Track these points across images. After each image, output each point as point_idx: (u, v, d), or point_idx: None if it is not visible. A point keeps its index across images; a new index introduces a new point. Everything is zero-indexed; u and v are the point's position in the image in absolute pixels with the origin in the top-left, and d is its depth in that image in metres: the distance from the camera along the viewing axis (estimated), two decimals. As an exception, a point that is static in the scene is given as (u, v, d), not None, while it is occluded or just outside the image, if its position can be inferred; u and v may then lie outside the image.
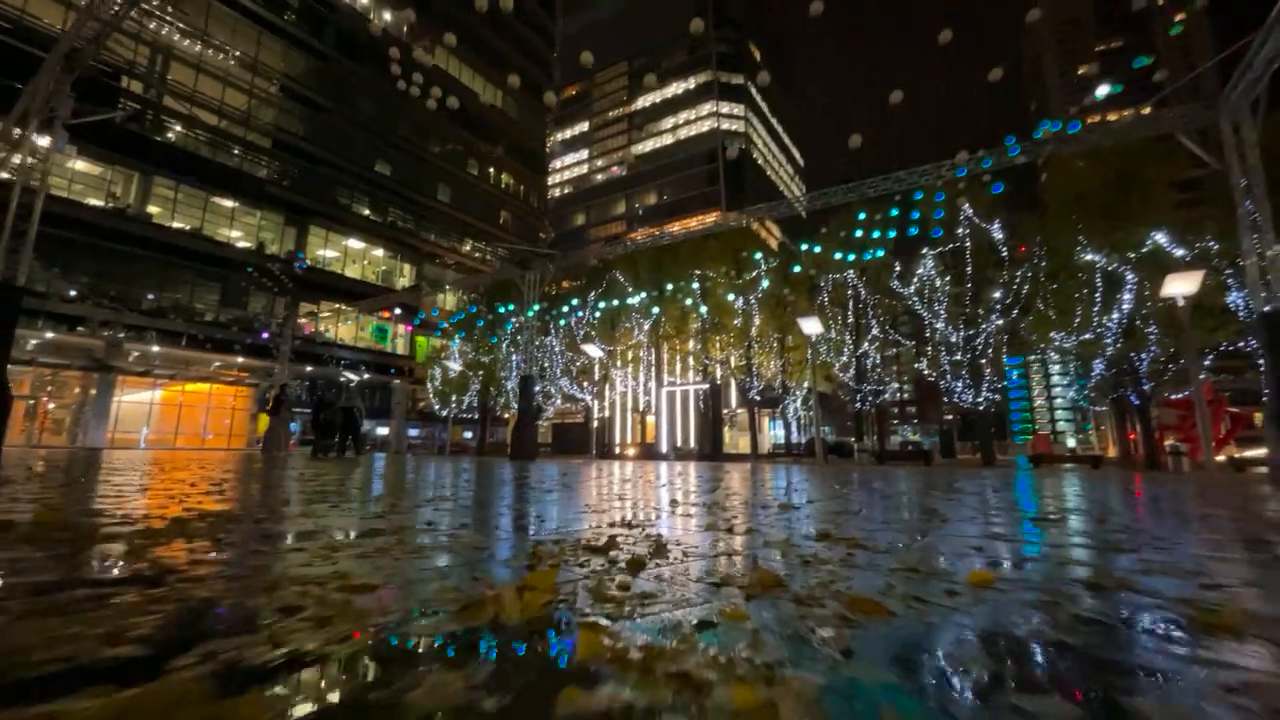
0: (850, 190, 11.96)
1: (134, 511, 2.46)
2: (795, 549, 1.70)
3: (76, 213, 25.12)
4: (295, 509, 2.74)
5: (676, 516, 2.62)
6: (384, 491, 3.83)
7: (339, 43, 36.02)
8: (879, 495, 4.17)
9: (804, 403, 24.38)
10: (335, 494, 3.55)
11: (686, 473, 7.20)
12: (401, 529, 2.11)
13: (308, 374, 32.87)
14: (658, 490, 3.90)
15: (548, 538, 1.99)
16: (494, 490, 4.09)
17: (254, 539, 1.84)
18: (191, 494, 3.37)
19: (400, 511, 2.73)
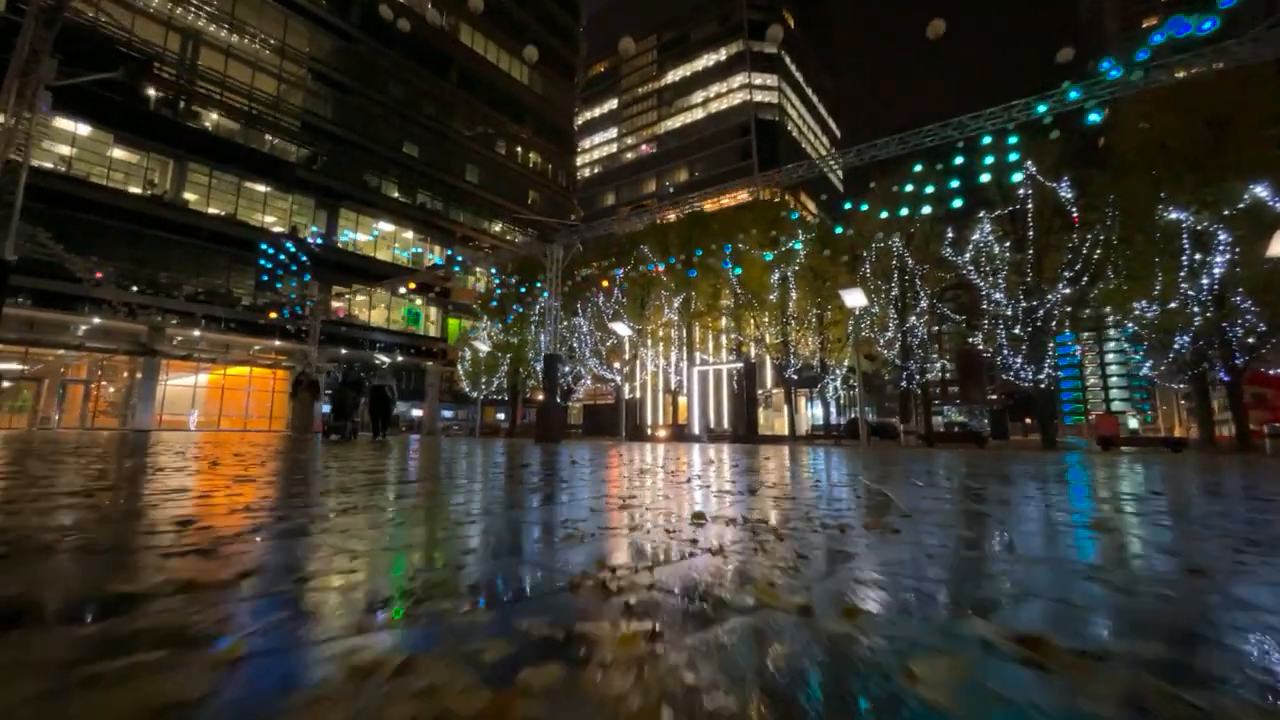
0: (903, 140, 10.69)
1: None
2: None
3: (116, 200, 25.65)
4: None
5: (702, 553, 1.70)
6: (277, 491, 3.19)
7: (364, 23, 35.68)
8: (980, 497, 2.97)
9: (844, 382, 23.20)
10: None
11: (720, 459, 6.41)
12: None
13: (342, 357, 33.23)
14: (682, 488, 3.13)
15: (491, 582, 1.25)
16: (478, 486, 3.42)
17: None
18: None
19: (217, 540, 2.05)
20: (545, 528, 1.87)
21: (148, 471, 3.58)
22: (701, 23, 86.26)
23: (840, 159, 11.23)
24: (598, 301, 24.12)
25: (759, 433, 21.19)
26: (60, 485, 2.73)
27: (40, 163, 24.41)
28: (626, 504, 2.41)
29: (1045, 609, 1.05)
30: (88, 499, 2.28)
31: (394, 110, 37.43)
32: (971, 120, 10.42)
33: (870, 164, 13.70)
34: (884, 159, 11.36)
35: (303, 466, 4.18)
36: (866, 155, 11.09)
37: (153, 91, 27.82)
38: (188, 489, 2.74)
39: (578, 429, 32.47)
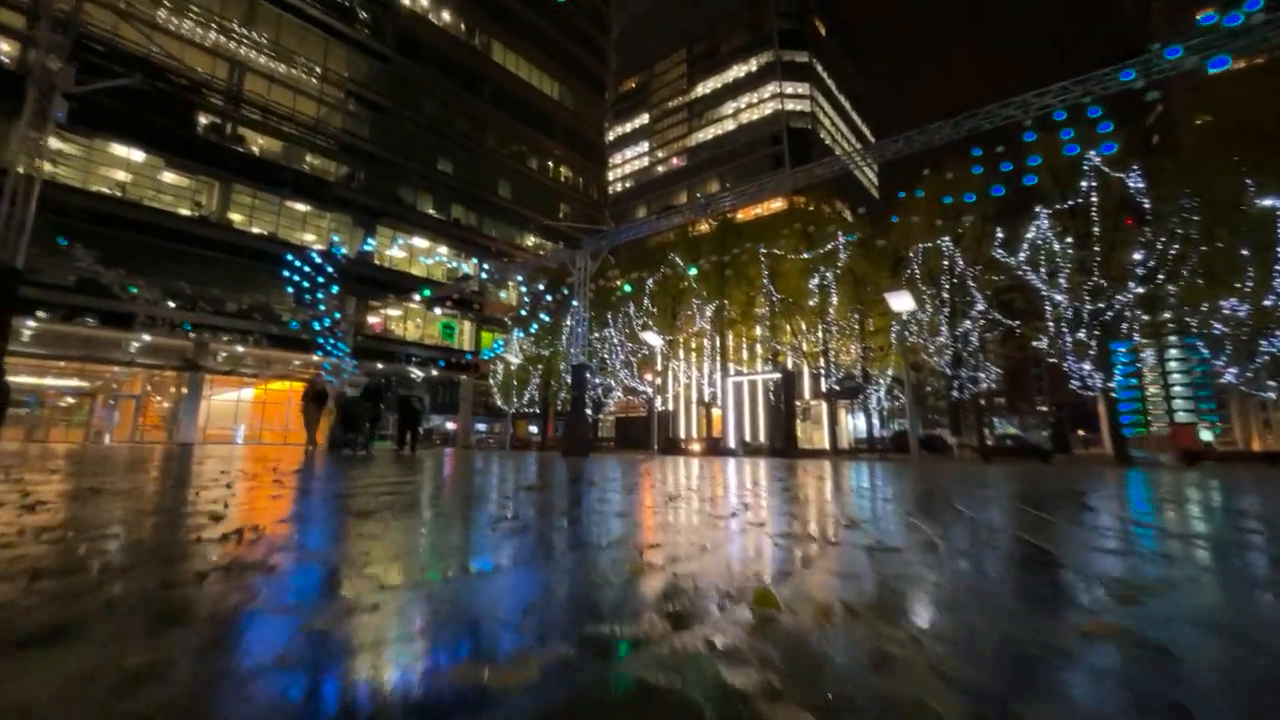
0: (957, 124, 9.72)
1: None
2: None
3: (166, 221, 26.63)
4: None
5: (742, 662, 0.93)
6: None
7: (399, 44, 36.61)
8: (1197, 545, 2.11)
9: (888, 392, 21.98)
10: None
11: (765, 480, 5.69)
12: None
13: (378, 370, 33.66)
14: (730, 531, 2.41)
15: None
16: (450, 530, 2.85)
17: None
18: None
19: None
20: (501, 628, 1.09)
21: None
22: (731, 34, 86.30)
23: (887, 148, 10.35)
24: (628, 311, 23.61)
25: (798, 446, 20.17)
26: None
27: (99, 188, 25.65)
28: (648, 570, 1.51)
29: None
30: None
31: (428, 128, 38.17)
32: (1037, 98, 9.38)
33: (912, 160, 12.82)
34: (936, 146, 10.43)
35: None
36: (917, 143, 10.17)
37: (202, 118, 28.99)
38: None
39: (609, 442, 31.91)
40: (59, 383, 28.40)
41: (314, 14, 32.54)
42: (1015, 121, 9.67)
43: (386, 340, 35.23)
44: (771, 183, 13.00)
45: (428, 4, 39.04)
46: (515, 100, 44.60)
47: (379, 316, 36.03)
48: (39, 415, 26.80)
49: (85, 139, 24.97)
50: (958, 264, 16.46)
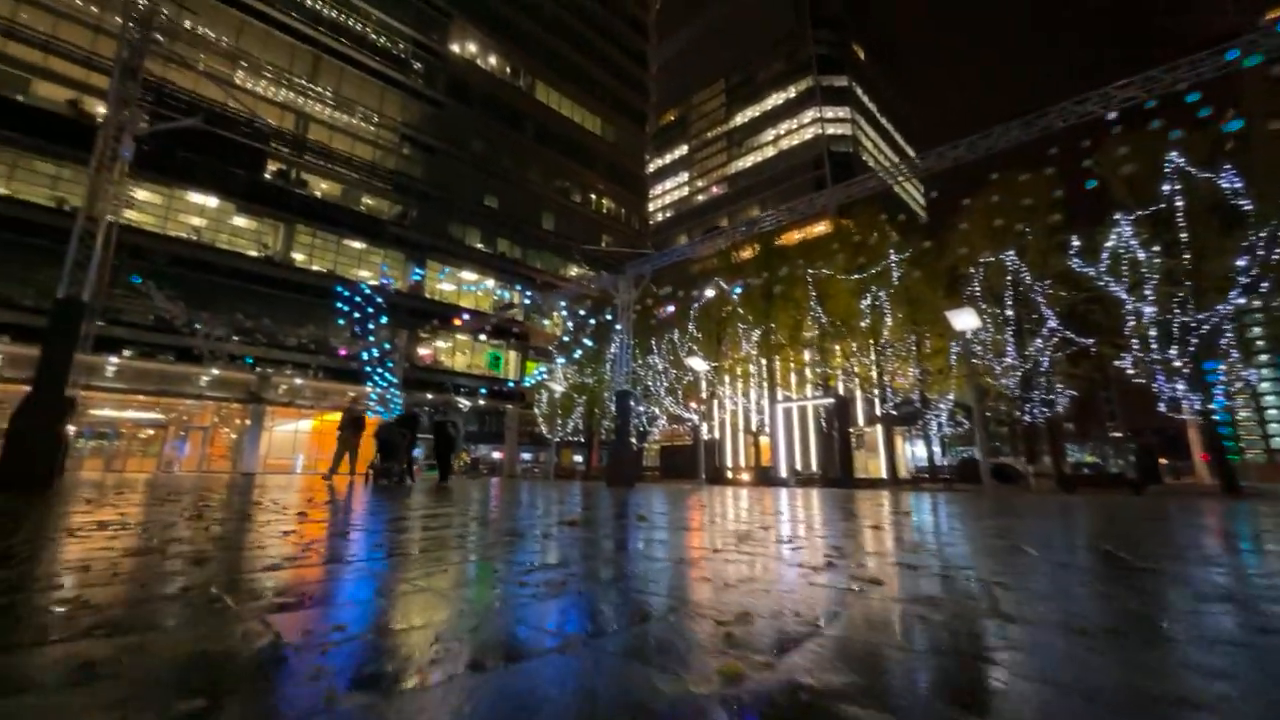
0: (1027, 124, 8.97)
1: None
2: None
3: (235, 262, 28.32)
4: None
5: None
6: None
7: (450, 89, 38.45)
8: None
9: (949, 417, 20.67)
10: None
11: (826, 512, 5.15)
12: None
13: (427, 401, 34.37)
14: (810, 575, 1.94)
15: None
16: (504, 557, 2.50)
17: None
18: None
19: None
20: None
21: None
22: (769, 63, 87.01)
23: (946, 154, 9.70)
24: (672, 338, 23.29)
25: (854, 476, 19.09)
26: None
27: (178, 232, 27.60)
28: (750, 670, 0.99)
29: None
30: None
31: (476, 166, 39.64)
32: (1119, 90, 8.56)
33: (963, 176, 12.14)
34: (1000, 151, 9.69)
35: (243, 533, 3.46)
36: (980, 147, 9.47)
37: (271, 165, 31.00)
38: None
39: (654, 471, 31.29)
40: (137, 415, 30.18)
41: (372, 65, 34.65)
42: (1093, 118, 8.88)
43: (436, 371, 36.07)
44: (820, 197, 12.54)
45: (476, 49, 41.02)
46: (558, 136, 45.96)
47: (429, 348, 37.05)
48: (116, 446, 28.47)
49: (166, 188, 27.04)
50: (1024, 278, 15.37)
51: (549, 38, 46.10)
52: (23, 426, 5.25)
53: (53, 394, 5.63)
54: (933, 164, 10.29)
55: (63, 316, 5.98)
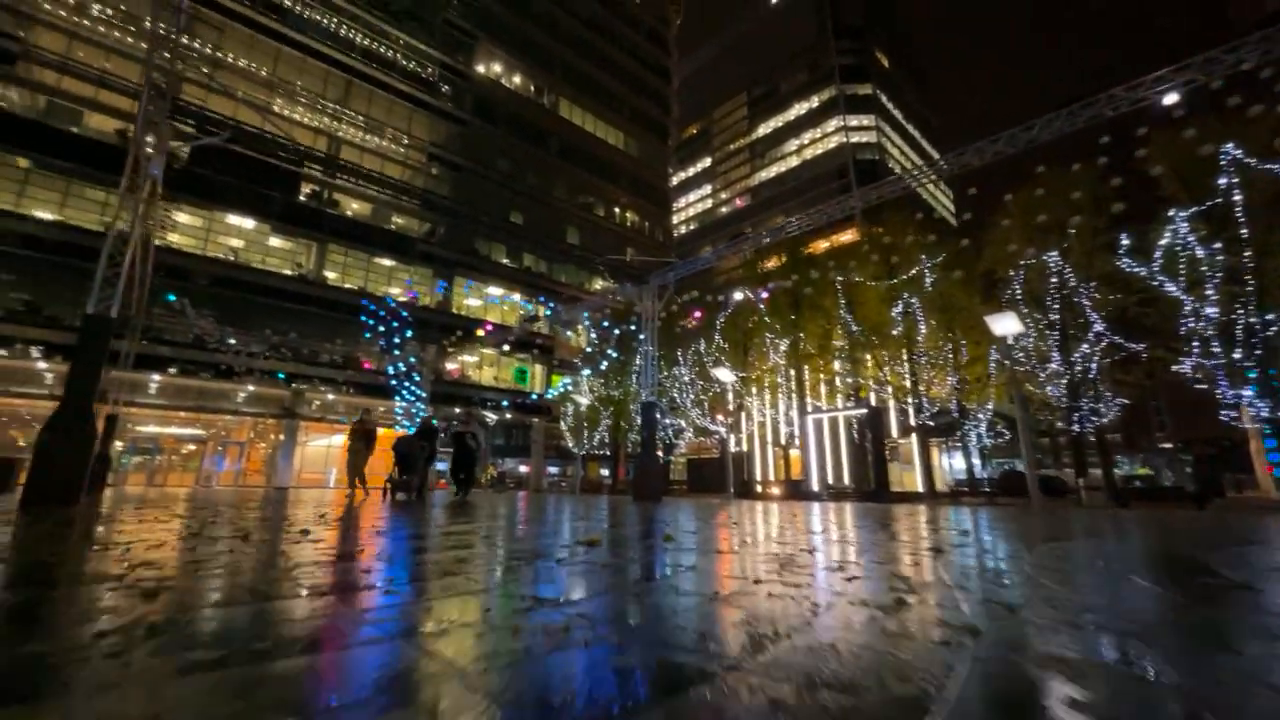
0: (1071, 115, 8.40)
1: None
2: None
3: (271, 281, 29.14)
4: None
5: None
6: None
7: (476, 108, 39.24)
8: None
9: (990, 428, 19.79)
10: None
11: (871, 529, 4.78)
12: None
13: (457, 415, 34.61)
14: (880, 615, 1.60)
15: None
16: (511, 589, 2.24)
17: None
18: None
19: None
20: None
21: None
22: (791, 74, 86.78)
23: (985, 150, 9.15)
24: (698, 348, 22.94)
25: (890, 489, 18.34)
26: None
27: (215, 253, 28.56)
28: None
29: None
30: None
31: (501, 182, 40.22)
32: (1176, 73, 7.92)
33: (995, 176, 11.56)
34: (1044, 143, 9.11)
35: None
36: (1021, 141, 8.91)
37: (304, 186, 31.96)
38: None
39: (681, 485, 30.81)
40: (178, 431, 31.06)
41: (401, 88, 35.60)
42: (1144, 106, 8.29)
43: (463, 385, 36.40)
44: (850, 199, 12.14)
45: (501, 69, 41.83)
46: (582, 152, 46.43)
47: (456, 363, 37.45)
48: (158, 462, 29.31)
49: (206, 211, 28.06)
50: (1068, 279, 14.60)
51: (572, 56, 46.80)
52: (48, 442, 5.28)
53: (79, 410, 5.66)
54: (971, 160, 9.80)
55: (91, 333, 6.03)
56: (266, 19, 30.86)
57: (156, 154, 6.80)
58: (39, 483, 5.13)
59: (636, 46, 53.09)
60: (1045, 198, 14.96)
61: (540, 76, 44.37)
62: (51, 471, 5.21)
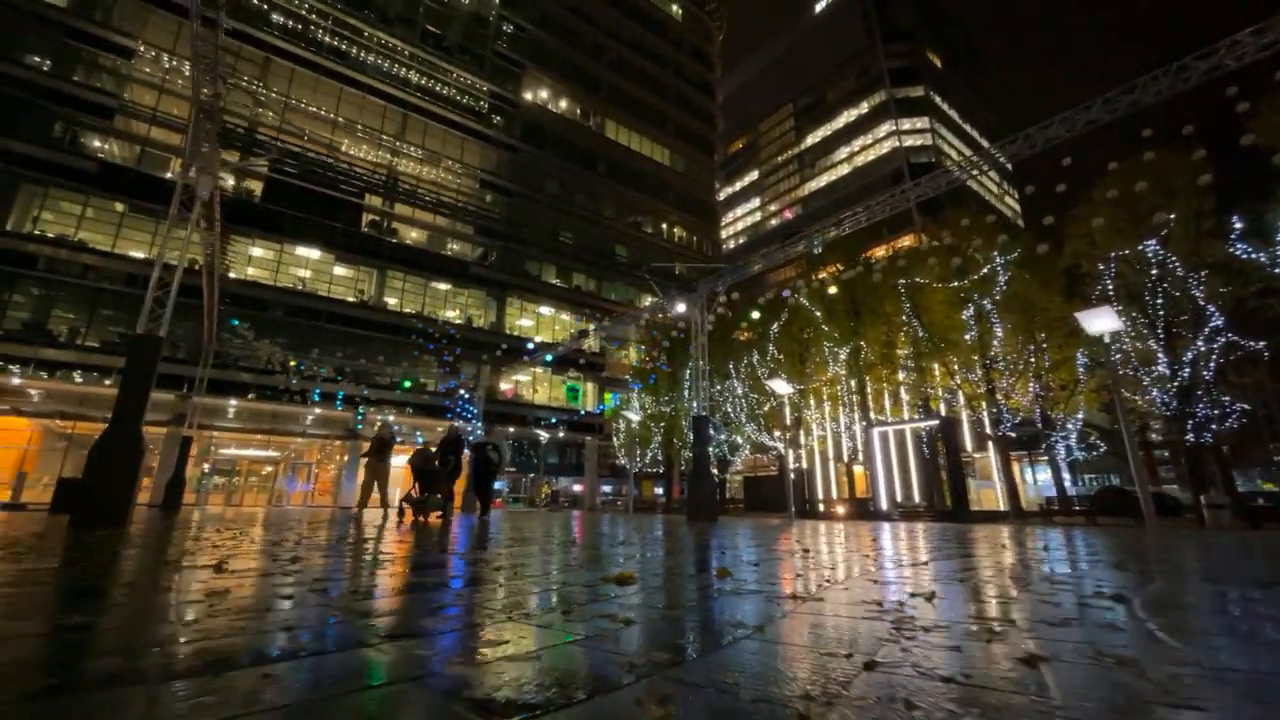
0: (1179, 74, 7.13)
1: None
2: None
3: (334, 308, 30.49)
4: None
5: None
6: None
7: (525, 134, 40.28)
8: None
9: (1080, 439, 17.90)
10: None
11: (968, 565, 4.01)
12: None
13: (511, 434, 34.92)
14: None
15: None
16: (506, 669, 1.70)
17: None
18: None
19: None
20: None
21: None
22: (838, 81, 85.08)
23: (1076, 119, 8.02)
24: (752, 361, 22.09)
25: (969, 508, 16.80)
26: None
27: (284, 283, 30.20)
28: None
29: None
30: None
31: (550, 204, 40.93)
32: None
33: (1062, 169, 10.32)
34: (1147, 104, 7.89)
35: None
36: (1121, 104, 7.72)
37: (365, 217, 33.53)
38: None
39: (738, 504, 29.71)
40: (254, 453, 32.74)
41: (454, 119, 37.00)
42: (1245, 68, 7.06)
43: (517, 404, 36.81)
44: (911, 188, 11.24)
45: (547, 96, 42.88)
46: (629, 170, 46.76)
47: (510, 383, 37.97)
48: (234, 483, 30.88)
49: (276, 244, 29.79)
50: (1174, 268, 12.95)
51: (616, 78, 47.49)
52: (95, 463, 5.32)
53: (129, 430, 5.71)
54: (1058, 132, 8.74)
55: (139, 353, 6.12)
56: (329, 62, 32.84)
57: (204, 177, 6.97)
58: (86, 504, 5.15)
59: (680, 64, 53.37)
60: (1142, 180, 13.48)
61: (586, 99, 45.21)
62: (99, 491, 5.23)
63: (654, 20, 52.21)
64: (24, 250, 24.02)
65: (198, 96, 6.95)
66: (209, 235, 10.38)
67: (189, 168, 6.96)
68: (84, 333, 24.94)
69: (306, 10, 33.06)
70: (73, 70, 26.52)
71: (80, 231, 25.63)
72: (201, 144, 7.03)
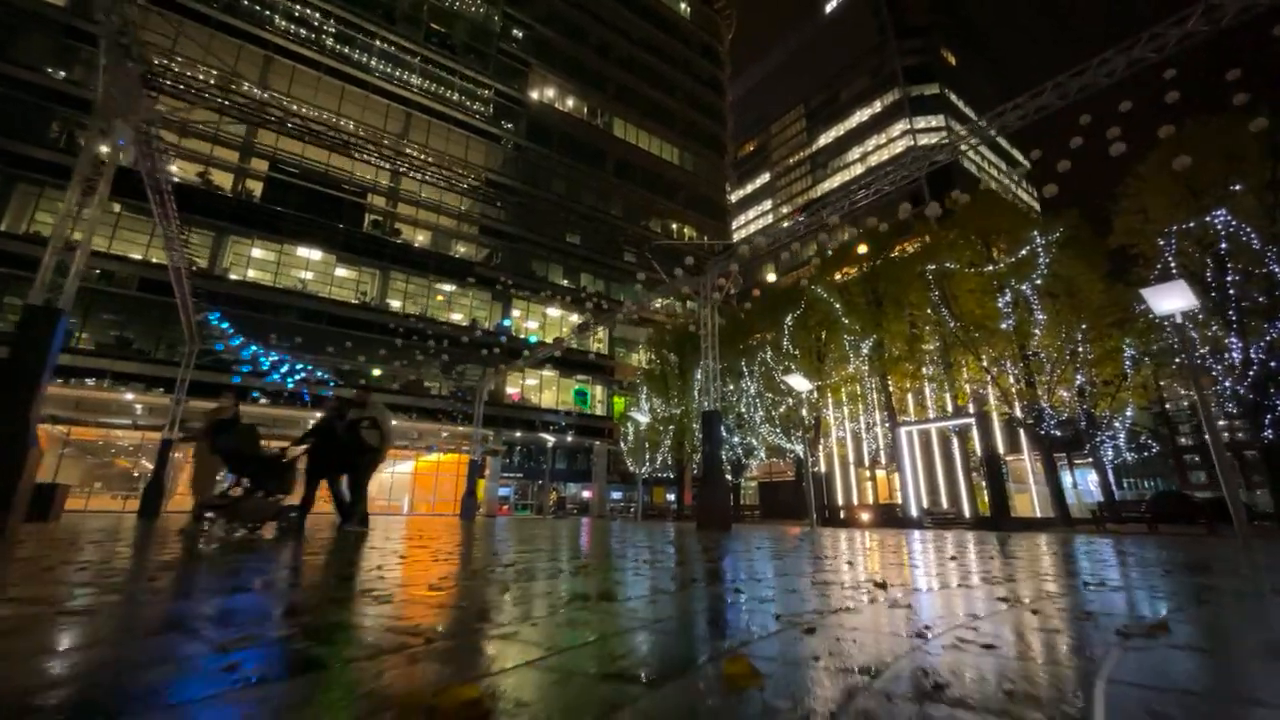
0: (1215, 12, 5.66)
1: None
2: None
3: (334, 309, 29.68)
4: None
5: None
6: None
7: (530, 133, 39.46)
8: None
9: (1131, 440, 16.33)
10: None
11: (1054, 587, 2.71)
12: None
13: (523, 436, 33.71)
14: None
15: None
16: None
17: None
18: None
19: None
20: None
21: None
22: (850, 81, 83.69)
23: (1116, 60, 6.55)
24: (765, 357, 20.76)
25: (1010, 515, 15.29)
26: None
27: (286, 285, 29.48)
28: None
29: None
30: None
31: (557, 204, 39.98)
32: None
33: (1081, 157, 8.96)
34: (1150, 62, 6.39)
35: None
36: (1170, 38, 6.14)
37: (367, 217, 32.82)
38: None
39: (753, 510, 28.25)
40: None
41: (458, 118, 36.28)
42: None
43: (524, 408, 35.77)
44: (934, 151, 9.99)
45: (554, 94, 42.08)
46: (638, 169, 45.74)
47: (517, 386, 36.95)
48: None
49: (276, 245, 29.12)
50: (1250, 241, 11.46)
51: (624, 75, 46.60)
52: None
53: (12, 415, 4.64)
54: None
55: (33, 327, 5.05)
56: (332, 60, 32.28)
57: (119, 125, 5.92)
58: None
59: (689, 62, 52.40)
60: (1199, 151, 12.09)
61: (593, 97, 44.35)
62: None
63: (662, 17, 51.35)
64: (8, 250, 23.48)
65: (108, 26, 5.90)
66: (168, 226, 9.45)
67: (104, 114, 5.94)
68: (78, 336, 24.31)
69: (309, 10, 32.57)
70: (72, 69, 26.13)
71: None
72: (120, 86, 6.00)
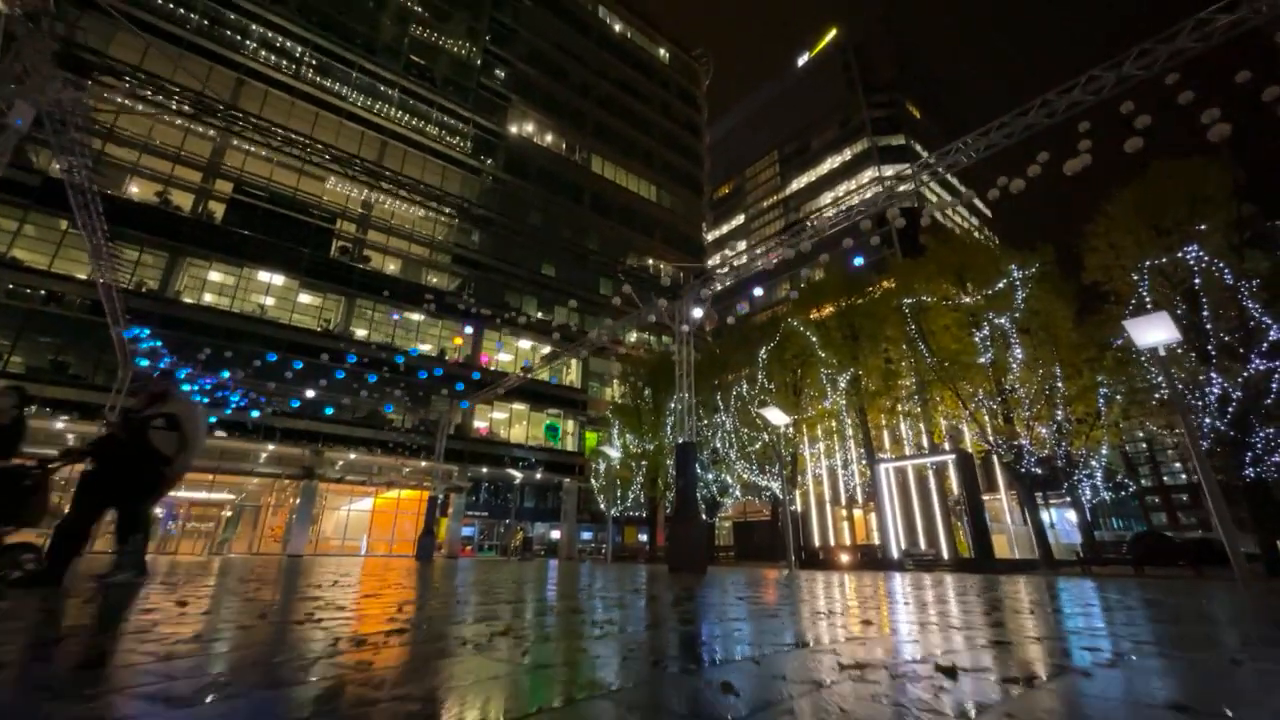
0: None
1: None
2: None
3: (294, 337, 28.32)
4: None
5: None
6: None
7: (508, 166, 39.43)
8: None
9: (1107, 478, 16.13)
10: None
11: (1080, 650, 2.05)
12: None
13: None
14: None
15: None
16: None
17: None
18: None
19: None
20: None
21: None
22: (821, 130, 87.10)
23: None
24: (741, 392, 20.26)
25: (994, 556, 14.75)
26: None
27: (244, 309, 28.13)
28: None
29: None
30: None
31: (533, 237, 39.65)
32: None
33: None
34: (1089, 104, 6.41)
35: None
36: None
37: (335, 242, 31.87)
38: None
39: (728, 552, 27.21)
40: (196, 495, 29.78)
41: (435, 148, 36.05)
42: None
43: (493, 443, 34.44)
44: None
45: (533, 129, 42.36)
46: (615, 205, 46.00)
47: (485, 420, 35.67)
48: (170, 527, 27.82)
49: (236, 268, 27.91)
50: (1224, 276, 11.52)
51: (603, 114, 47.36)
52: None
53: None
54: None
55: None
56: (306, 86, 31.90)
57: (19, 102, 5.18)
58: None
59: (667, 104, 53.70)
60: (1164, 193, 12.31)
61: (572, 134, 44.82)
62: None
63: (641, 61, 52.79)
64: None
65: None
66: (93, 234, 8.60)
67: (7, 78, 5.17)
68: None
69: (289, 41, 32.34)
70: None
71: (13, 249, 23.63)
72: (29, 58, 5.30)
